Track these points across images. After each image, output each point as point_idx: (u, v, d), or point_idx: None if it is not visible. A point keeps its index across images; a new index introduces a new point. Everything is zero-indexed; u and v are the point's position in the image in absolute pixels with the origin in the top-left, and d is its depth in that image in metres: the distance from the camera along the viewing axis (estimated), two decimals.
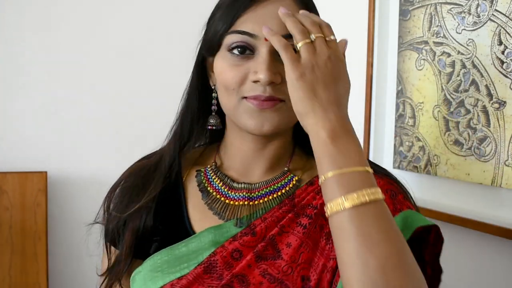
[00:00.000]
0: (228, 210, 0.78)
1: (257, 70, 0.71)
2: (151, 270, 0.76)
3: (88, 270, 2.01)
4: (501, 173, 1.05)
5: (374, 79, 1.36)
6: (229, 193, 0.79)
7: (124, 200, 0.85)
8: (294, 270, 0.71)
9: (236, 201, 0.78)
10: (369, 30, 1.37)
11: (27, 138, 1.90)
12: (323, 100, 0.64)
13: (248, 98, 0.72)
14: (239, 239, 0.74)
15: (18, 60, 1.88)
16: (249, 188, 0.79)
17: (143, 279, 0.76)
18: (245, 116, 0.73)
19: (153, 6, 2.05)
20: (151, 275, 0.75)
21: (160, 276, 0.74)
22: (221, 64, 0.75)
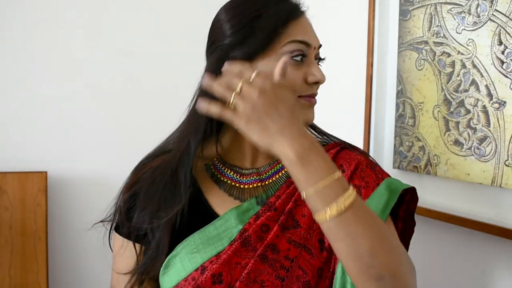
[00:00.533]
0: (245, 193, 0.89)
1: (314, 73, 0.85)
2: (188, 252, 0.84)
3: (88, 270, 2.01)
4: (501, 173, 1.05)
5: (374, 79, 1.36)
6: (241, 179, 0.90)
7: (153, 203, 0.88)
8: (312, 235, 0.85)
9: (249, 184, 0.90)
10: (369, 30, 1.37)
11: (27, 138, 1.90)
12: (275, 130, 0.70)
13: (304, 96, 0.86)
14: (263, 215, 0.85)
15: (18, 60, 1.88)
16: (257, 172, 0.91)
17: (180, 261, 0.84)
18: (303, 111, 0.86)
19: (153, 7, 2.05)
20: (188, 256, 0.84)
21: (198, 255, 0.84)
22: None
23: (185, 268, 0.84)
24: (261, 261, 0.83)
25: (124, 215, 0.91)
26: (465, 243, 1.16)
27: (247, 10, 0.87)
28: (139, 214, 0.88)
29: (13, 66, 1.87)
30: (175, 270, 0.85)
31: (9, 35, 1.86)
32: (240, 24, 0.86)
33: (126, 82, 2.01)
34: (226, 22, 0.88)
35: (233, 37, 0.86)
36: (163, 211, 0.86)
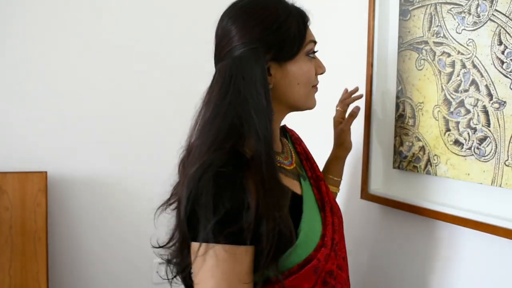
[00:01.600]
0: (295, 172, 1.07)
1: (321, 66, 1.05)
2: (310, 227, 0.97)
3: (88, 270, 2.01)
4: (501, 173, 1.05)
5: (374, 79, 1.36)
6: (285, 161, 1.06)
7: (269, 205, 0.88)
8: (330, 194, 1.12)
9: (291, 165, 1.07)
10: (369, 30, 1.37)
11: (27, 138, 1.90)
12: None
13: (315, 86, 1.05)
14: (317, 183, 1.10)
15: (18, 61, 1.88)
16: (285, 154, 1.08)
17: (306, 236, 0.96)
18: (313, 98, 1.06)
19: (154, 7, 2.05)
20: (312, 230, 0.98)
21: (317, 226, 1.00)
22: (306, 66, 1.01)
23: (313, 240, 0.97)
24: (335, 215, 1.07)
25: (251, 220, 0.86)
26: (465, 243, 1.16)
27: (274, 15, 0.95)
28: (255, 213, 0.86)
29: (13, 66, 1.87)
30: (305, 245, 0.94)
31: (9, 35, 1.86)
32: (270, 29, 0.94)
33: (126, 82, 2.01)
34: (251, 27, 0.94)
35: (264, 41, 0.94)
36: (280, 202, 0.91)
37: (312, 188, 1.09)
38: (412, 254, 1.31)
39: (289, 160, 1.08)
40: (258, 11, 0.96)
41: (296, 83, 1.00)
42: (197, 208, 0.86)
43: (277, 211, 0.88)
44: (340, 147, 1.31)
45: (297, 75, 1.00)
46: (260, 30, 0.94)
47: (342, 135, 1.30)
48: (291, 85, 1.00)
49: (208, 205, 0.84)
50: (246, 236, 0.85)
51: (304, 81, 1.00)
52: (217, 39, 0.99)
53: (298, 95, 1.01)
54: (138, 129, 2.04)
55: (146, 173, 2.05)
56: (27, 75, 1.89)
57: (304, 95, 1.02)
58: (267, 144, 0.91)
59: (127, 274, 2.05)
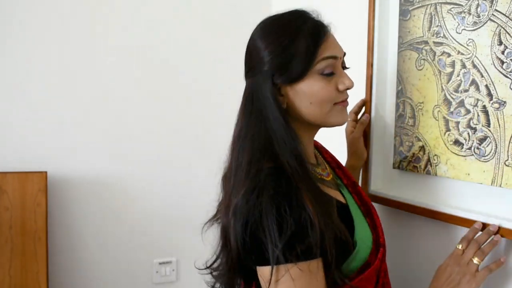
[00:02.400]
0: (331, 183, 1.08)
1: (344, 81, 1.00)
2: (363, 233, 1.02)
3: (88, 270, 2.01)
4: (501, 173, 1.05)
5: (374, 79, 1.36)
6: (323, 173, 1.07)
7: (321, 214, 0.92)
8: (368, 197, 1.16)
9: (328, 176, 1.08)
10: (369, 30, 1.37)
11: (27, 138, 1.90)
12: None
13: (338, 103, 1.01)
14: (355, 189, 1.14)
15: (18, 61, 1.88)
16: (321, 165, 1.10)
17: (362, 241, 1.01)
18: (337, 115, 1.02)
19: (154, 7, 2.05)
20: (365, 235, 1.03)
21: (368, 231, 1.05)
22: (317, 85, 0.98)
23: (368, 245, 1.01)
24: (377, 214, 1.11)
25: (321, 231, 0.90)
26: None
27: (282, 37, 0.97)
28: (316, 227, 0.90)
29: (13, 66, 1.87)
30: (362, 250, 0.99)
31: (9, 35, 1.86)
32: (277, 51, 0.97)
33: (126, 82, 2.01)
34: (263, 50, 0.98)
35: (271, 63, 0.97)
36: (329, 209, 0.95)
37: (352, 195, 1.12)
38: (412, 254, 1.31)
39: (326, 171, 1.09)
40: (270, 32, 0.99)
41: (308, 102, 0.99)
42: (260, 234, 0.88)
43: (329, 219, 0.92)
44: (354, 156, 1.33)
45: (309, 95, 0.98)
46: (268, 52, 0.98)
47: (355, 143, 1.32)
48: (304, 105, 1.00)
49: (272, 228, 0.87)
50: (315, 250, 0.89)
51: (317, 100, 0.99)
52: (245, 57, 1.04)
53: (314, 113, 1.00)
54: (138, 129, 2.04)
55: (146, 173, 2.05)
56: (27, 75, 1.89)
57: (322, 114, 1.00)
58: (297, 158, 0.95)
59: (127, 274, 2.05)
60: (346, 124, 1.35)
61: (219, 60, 2.10)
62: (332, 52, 0.99)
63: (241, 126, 0.99)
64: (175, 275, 2.12)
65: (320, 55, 0.97)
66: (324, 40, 0.98)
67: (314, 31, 0.98)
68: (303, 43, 0.96)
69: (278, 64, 0.97)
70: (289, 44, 0.96)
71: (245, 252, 0.91)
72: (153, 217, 2.08)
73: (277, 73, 0.97)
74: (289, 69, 0.97)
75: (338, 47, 1.01)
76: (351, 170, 1.33)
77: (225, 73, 2.09)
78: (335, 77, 1.00)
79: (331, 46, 0.99)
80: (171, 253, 2.11)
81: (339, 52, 1.01)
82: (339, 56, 1.00)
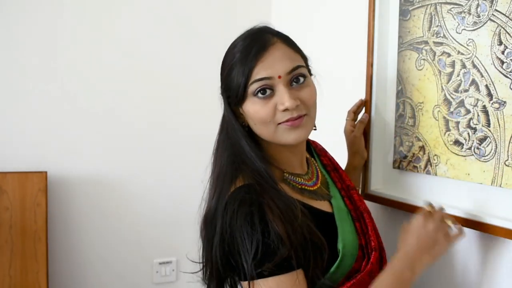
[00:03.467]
0: (320, 192, 1.08)
1: (283, 102, 0.97)
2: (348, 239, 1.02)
3: (88, 270, 2.01)
4: (501, 173, 1.05)
5: (374, 79, 1.36)
6: (308, 183, 1.08)
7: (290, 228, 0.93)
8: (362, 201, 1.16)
9: (315, 186, 1.08)
10: (369, 30, 1.37)
11: (27, 138, 1.90)
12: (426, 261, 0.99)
13: (282, 123, 0.99)
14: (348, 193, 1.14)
15: (18, 61, 1.88)
16: (309, 174, 1.09)
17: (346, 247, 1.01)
18: (284, 135, 1.00)
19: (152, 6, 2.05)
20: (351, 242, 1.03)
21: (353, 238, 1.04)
22: (253, 108, 0.99)
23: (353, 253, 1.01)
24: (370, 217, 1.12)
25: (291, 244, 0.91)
26: (465, 243, 1.16)
27: (225, 61, 1.04)
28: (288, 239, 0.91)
29: (13, 66, 1.87)
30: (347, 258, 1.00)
31: (10, 35, 1.86)
32: (222, 75, 1.04)
33: (126, 82, 2.01)
34: (220, 70, 1.06)
35: (221, 88, 1.05)
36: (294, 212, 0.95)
37: (343, 199, 1.12)
38: None
39: (313, 180, 1.09)
40: (224, 57, 1.06)
41: (253, 123, 1.02)
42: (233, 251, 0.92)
43: (295, 220, 0.93)
44: (355, 156, 1.33)
45: (251, 116, 1.01)
46: (220, 78, 1.06)
47: (356, 142, 1.32)
48: (253, 125, 1.03)
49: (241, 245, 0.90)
50: (288, 263, 0.90)
51: (257, 121, 1.00)
52: None
53: (262, 133, 1.02)
54: (139, 129, 2.04)
55: (146, 173, 2.05)
56: (27, 75, 1.89)
57: (269, 133, 1.01)
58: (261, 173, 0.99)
59: (127, 274, 2.05)
60: (346, 124, 1.35)
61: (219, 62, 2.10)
62: (265, 74, 0.97)
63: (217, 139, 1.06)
64: (175, 275, 2.12)
65: (253, 78, 0.97)
66: (260, 62, 0.97)
67: (248, 53, 0.98)
68: (238, 67, 0.99)
69: (224, 88, 1.04)
70: (228, 70, 1.01)
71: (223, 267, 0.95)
72: (153, 217, 2.08)
73: (227, 96, 1.03)
74: (231, 92, 1.01)
75: (276, 67, 0.98)
76: (353, 170, 1.33)
77: None
78: (275, 97, 0.98)
79: (266, 67, 0.97)
80: (171, 253, 2.11)
81: (277, 71, 0.97)
82: (275, 76, 0.97)
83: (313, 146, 1.23)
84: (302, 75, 1.00)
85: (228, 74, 1.01)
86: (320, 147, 1.24)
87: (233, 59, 1.00)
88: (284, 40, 1.02)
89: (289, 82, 0.99)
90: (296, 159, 1.08)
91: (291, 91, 0.98)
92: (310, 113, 1.01)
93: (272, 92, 0.98)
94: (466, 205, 1.14)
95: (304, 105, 0.99)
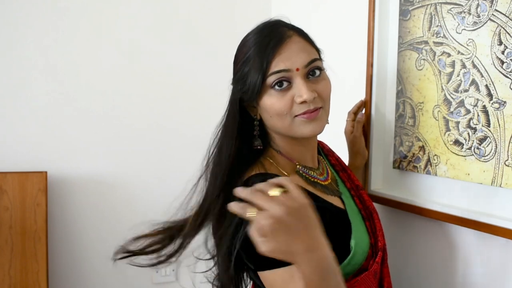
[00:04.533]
0: (331, 188, 1.08)
1: (301, 94, 0.97)
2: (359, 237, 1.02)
3: (88, 270, 2.01)
4: (501, 173, 1.05)
5: (374, 79, 1.36)
6: (321, 177, 1.08)
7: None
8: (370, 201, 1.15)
9: (326, 181, 1.08)
10: (369, 30, 1.37)
11: (27, 138, 1.90)
12: (297, 251, 0.74)
13: (299, 115, 0.99)
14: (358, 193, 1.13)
15: (18, 61, 1.88)
16: (320, 171, 1.09)
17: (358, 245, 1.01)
18: (300, 128, 1.00)
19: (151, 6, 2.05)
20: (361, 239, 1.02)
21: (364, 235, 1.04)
22: (270, 100, 0.99)
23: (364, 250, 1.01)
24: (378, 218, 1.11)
25: None
26: (465, 243, 1.16)
27: (242, 52, 1.02)
28: None
29: (14, 66, 1.87)
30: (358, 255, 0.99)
31: (10, 35, 1.86)
32: (235, 70, 1.03)
33: (126, 82, 2.01)
34: (234, 62, 1.05)
35: (234, 82, 1.04)
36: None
37: (353, 199, 1.12)
38: (412, 254, 1.31)
39: (324, 176, 1.09)
40: (239, 46, 1.04)
41: (269, 116, 1.02)
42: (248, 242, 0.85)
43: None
44: (356, 156, 1.33)
45: (267, 109, 1.01)
46: (233, 70, 1.05)
47: (356, 142, 1.32)
48: (268, 118, 1.03)
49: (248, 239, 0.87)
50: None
51: (273, 114, 1.00)
52: None
53: (278, 126, 1.02)
54: (139, 129, 2.04)
55: (146, 173, 2.05)
56: (27, 75, 1.89)
57: (285, 126, 1.01)
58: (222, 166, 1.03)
59: (127, 274, 2.05)
60: (346, 125, 1.35)
61: (219, 61, 2.10)
62: (284, 66, 0.98)
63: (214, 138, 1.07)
64: (175, 275, 2.12)
65: (271, 70, 0.98)
66: (277, 54, 0.98)
67: (266, 47, 0.98)
68: (255, 59, 0.98)
69: (237, 82, 1.03)
70: (244, 62, 1.01)
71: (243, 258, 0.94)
72: (153, 217, 2.08)
73: (237, 90, 1.03)
74: (246, 84, 1.00)
75: (295, 58, 0.98)
76: (354, 170, 1.33)
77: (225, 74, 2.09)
78: (292, 89, 0.99)
79: (284, 59, 0.98)
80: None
81: (295, 63, 0.98)
82: (293, 69, 0.98)
83: (320, 147, 1.23)
84: (318, 68, 1.01)
85: (244, 66, 1.01)
86: (327, 148, 1.24)
87: (248, 51, 1.00)
88: (300, 34, 1.03)
89: (306, 74, 1.00)
90: (308, 154, 1.08)
91: (308, 83, 0.99)
92: (325, 106, 1.02)
93: (289, 85, 0.99)
94: (466, 205, 1.14)
95: (320, 98, 1.00)
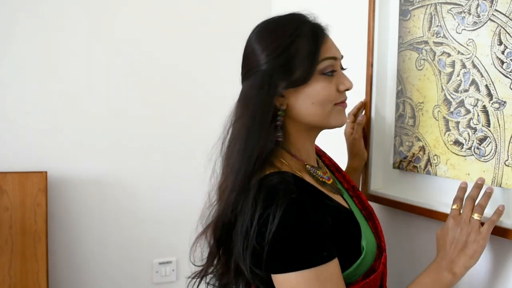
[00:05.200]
0: (335, 187, 1.08)
1: (344, 82, 1.02)
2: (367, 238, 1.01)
3: (88, 270, 2.01)
4: (501, 173, 1.05)
5: (374, 79, 1.36)
6: (325, 176, 1.07)
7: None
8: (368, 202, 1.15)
9: (329, 180, 1.07)
10: (369, 30, 1.37)
11: (27, 138, 1.90)
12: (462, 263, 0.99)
13: (338, 103, 1.02)
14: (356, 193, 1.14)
15: (19, 61, 1.88)
16: (322, 168, 1.10)
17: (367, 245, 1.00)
18: (337, 116, 1.02)
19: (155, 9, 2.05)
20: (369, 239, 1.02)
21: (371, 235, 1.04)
22: (320, 85, 0.98)
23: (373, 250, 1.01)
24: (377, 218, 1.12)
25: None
26: None
27: (281, 38, 0.97)
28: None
29: (14, 66, 1.87)
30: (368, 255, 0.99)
31: (10, 35, 1.86)
32: (276, 53, 0.96)
33: (126, 82, 2.01)
34: (260, 52, 0.98)
35: (270, 65, 0.96)
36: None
37: (352, 199, 1.12)
38: (412, 254, 1.31)
39: (327, 175, 1.08)
40: (268, 35, 0.99)
41: (310, 102, 0.99)
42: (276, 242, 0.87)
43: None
44: (355, 158, 1.33)
45: (311, 95, 0.99)
46: (266, 55, 0.97)
47: (356, 144, 1.32)
48: (305, 105, 0.99)
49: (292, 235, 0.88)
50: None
51: (319, 100, 0.99)
52: (242, 58, 1.03)
53: (315, 114, 1.00)
54: (139, 130, 2.04)
55: (146, 173, 2.05)
56: (27, 75, 1.89)
57: (323, 114, 1.00)
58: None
59: (127, 274, 2.05)
60: (345, 126, 1.35)
61: (219, 61, 2.10)
62: (333, 53, 1.00)
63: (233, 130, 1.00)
64: (175, 275, 2.12)
65: (322, 56, 0.98)
66: (324, 42, 0.99)
67: (314, 32, 0.99)
68: (304, 44, 0.96)
69: (278, 66, 0.96)
70: (289, 46, 0.96)
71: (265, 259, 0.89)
72: (153, 217, 2.08)
73: (277, 75, 0.96)
74: (291, 70, 0.96)
75: (337, 49, 1.03)
76: (353, 171, 1.32)
77: (225, 74, 2.09)
78: (335, 78, 1.01)
79: (331, 47, 1.01)
80: (171, 253, 2.11)
81: (338, 54, 1.03)
82: (338, 57, 1.02)
83: None
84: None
85: (287, 49, 0.96)
86: (319, 149, 1.24)
87: (298, 33, 0.97)
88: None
89: (340, 67, 1.04)
90: (313, 153, 1.09)
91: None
92: None
93: (335, 73, 1.01)
94: None
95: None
